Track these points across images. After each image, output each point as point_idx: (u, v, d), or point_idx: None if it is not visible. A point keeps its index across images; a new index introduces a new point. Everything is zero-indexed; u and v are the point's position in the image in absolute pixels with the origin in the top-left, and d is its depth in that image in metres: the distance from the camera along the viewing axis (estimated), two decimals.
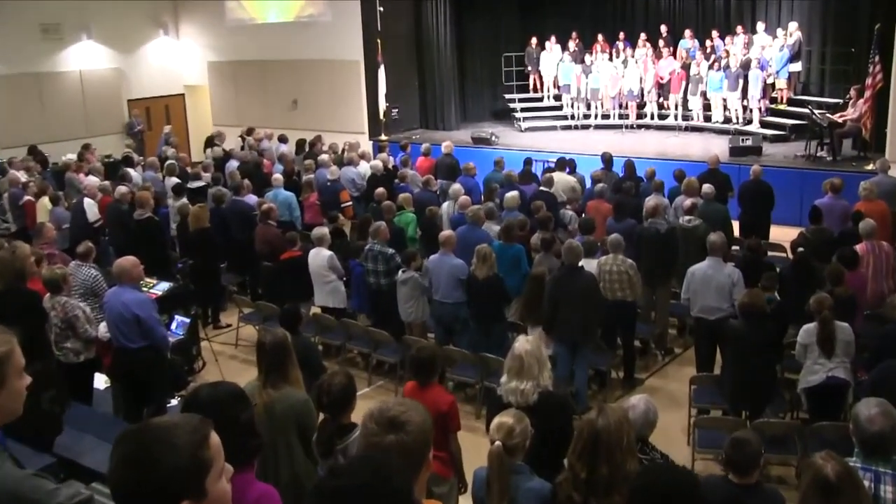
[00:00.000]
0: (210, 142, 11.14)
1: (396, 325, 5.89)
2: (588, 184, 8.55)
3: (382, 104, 13.22)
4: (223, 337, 6.57)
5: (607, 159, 8.90)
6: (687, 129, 12.83)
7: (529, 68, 14.40)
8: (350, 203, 8.49)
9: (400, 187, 8.50)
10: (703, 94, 12.51)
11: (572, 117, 13.89)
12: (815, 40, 12.29)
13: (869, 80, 9.72)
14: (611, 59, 13.63)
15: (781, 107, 11.97)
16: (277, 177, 8.32)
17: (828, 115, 10.32)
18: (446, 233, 6.06)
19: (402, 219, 7.28)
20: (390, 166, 9.52)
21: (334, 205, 8.11)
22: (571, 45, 13.96)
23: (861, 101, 9.89)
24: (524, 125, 13.88)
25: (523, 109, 14.34)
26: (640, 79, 13.17)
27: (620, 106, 13.44)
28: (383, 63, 13.02)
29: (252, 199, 7.56)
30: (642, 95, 13.38)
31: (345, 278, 6.23)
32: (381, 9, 12.82)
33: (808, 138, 10.39)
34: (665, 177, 8.14)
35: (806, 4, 12.20)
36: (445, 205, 7.89)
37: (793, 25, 11.81)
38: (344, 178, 8.91)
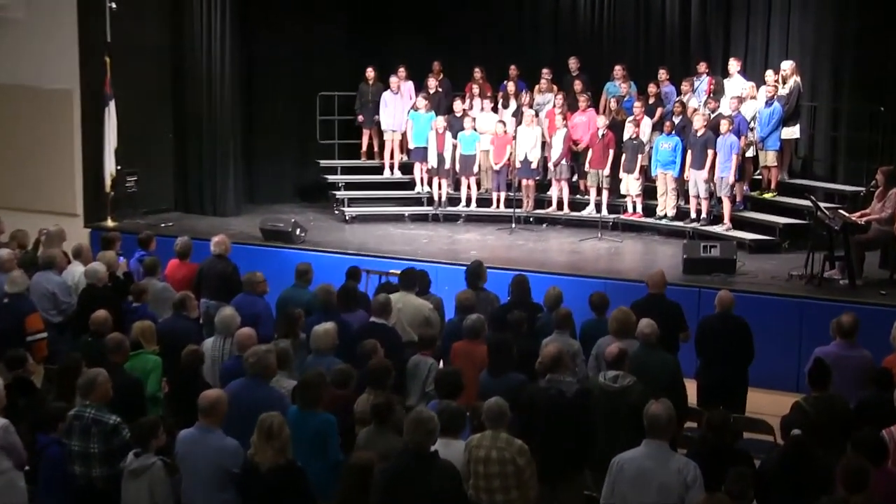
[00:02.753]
0: None
1: None
2: (452, 313, 9.01)
3: (111, 166, 13.44)
4: None
5: (480, 273, 9.42)
6: (616, 226, 14.03)
7: (362, 119, 15.28)
8: (44, 335, 8.57)
9: (136, 310, 8.61)
10: (645, 172, 13.80)
11: (429, 202, 14.89)
12: (823, 89, 13.80)
13: None
14: (495, 108, 14.83)
15: (768, 196, 13.22)
16: None
17: (842, 211, 11.13)
18: (210, 393, 6.14)
19: (137, 364, 7.33)
20: (120, 274, 9.67)
21: (15, 337, 8.12)
22: (431, 82, 15.05)
23: (894, 191, 10.69)
24: (350, 212, 14.74)
25: (349, 187, 15.26)
26: (543, 142, 14.38)
27: (509, 186, 14.50)
28: (114, 97, 13.31)
29: None
30: (545, 170, 14.57)
31: (27, 467, 6.22)
32: (113, 5, 13.18)
33: (811, 248, 11.13)
34: (577, 304, 8.76)
35: (809, 28, 13.74)
36: (211, 342, 7.94)
37: (787, 65, 13.13)
38: (35, 290, 9.01)
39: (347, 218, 14.58)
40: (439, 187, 14.69)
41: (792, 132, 13.24)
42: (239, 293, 9.20)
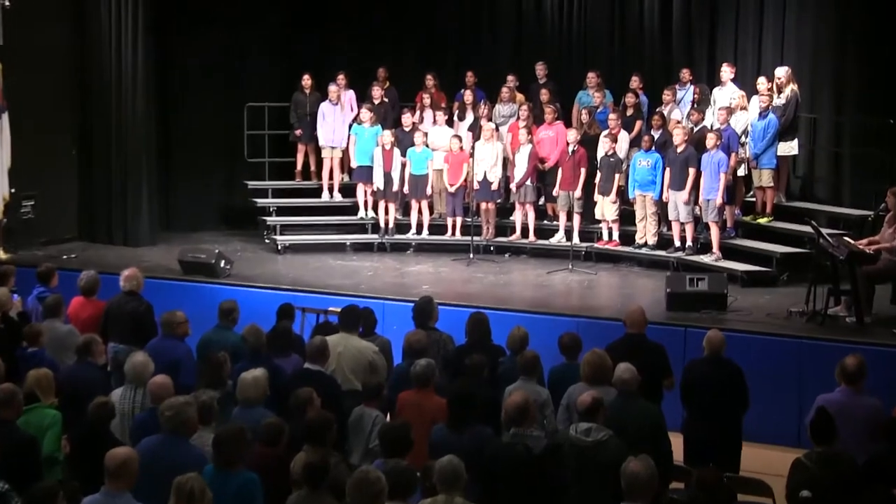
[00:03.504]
0: None
1: None
2: (400, 358, 8.98)
3: (3, 189, 13.45)
4: None
5: (430, 311, 9.39)
6: (589, 256, 14.18)
7: (298, 133, 15.34)
8: None
9: (32, 356, 8.58)
10: (622, 194, 13.97)
11: (375, 229, 14.99)
12: (824, 99, 14.07)
13: None
14: (449, 121, 15.01)
15: (763, 221, 13.40)
16: None
17: (847, 238, 11.27)
18: (119, 452, 6.10)
19: (32, 419, 7.27)
20: (14, 314, 9.64)
21: None
22: (376, 91, 15.17)
23: None
24: (283, 241, 14.79)
25: (282, 212, 15.31)
26: (505, 160, 14.58)
27: (466, 211, 14.67)
28: (6, 109, 13.34)
29: None
30: (507, 192, 14.77)
31: None
32: (6, 2, 13.20)
33: (812, 281, 11.14)
34: (545, 346, 8.72)
35: (807, 30, 14.04)
36: (120, 393, 7.88)
37: (782, 72, 13.33)
38: None
39: (280, 248, 14.61)
40: (386, 212, 14.78)
41: (789, 148, 13.49)
42: (154, 336, 9.12)
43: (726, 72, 13.94)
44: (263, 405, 7.44)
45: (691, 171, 13.09)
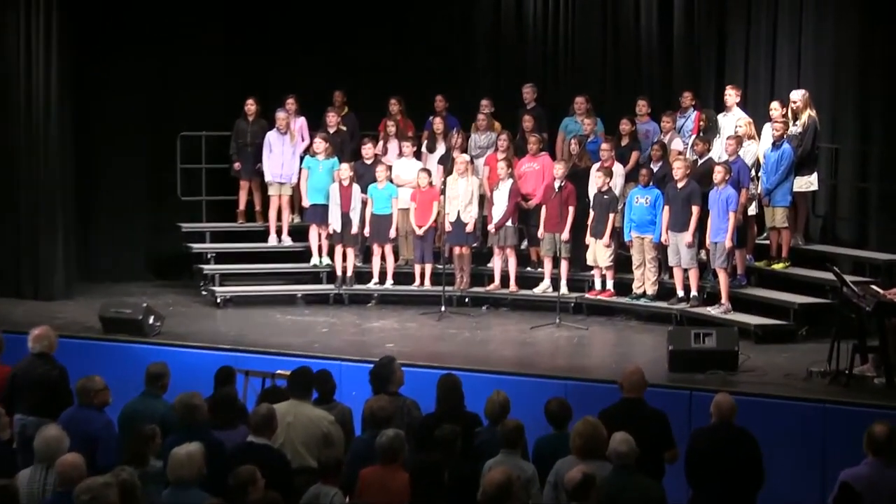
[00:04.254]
0: None
1: None
2: (360, 429, 8.89)
3: None
4: None
5: (389, 375, 9.24)
6: (580, 309, 14.24)
7: (238, 167, 15.38)
8: None
9: None
10: (617, 236, 14.07)
11: (330, 278, 15.00)
12: (847, 126, 14.16)
13: None
14: (417, 152, 15.12)
15: (778, 267, 13.54)
16: None
17: (875, 287, 11.41)
18: None
19: None
20: None
21: None
22: (332, 118, 15.23)
23: None
24: (223, 293, 14.77)
25: (222, 258, 15.34)
26: (481, 198, 14.65)
27: (436, 256, 14.66)
28: None
29: None
30: (484, 234, 14.81)
31: None
32: None
33: (835, 336, 11.22)
34: (530, 414, 8.70)
35: (827, 49, 14.18)
36: (29, 474, 7.76)
37: (798, 95, 13.49)
38: None
39: (219, 301, 14.59)
40: (343, 259, 14.80)
41: (807, 183, 13.59)
42: (68, 406, 9.00)
43: (731, 96, 14.15)
44: (199, 486, 7.36)
45: (694, 209, 13.20)
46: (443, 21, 16.72)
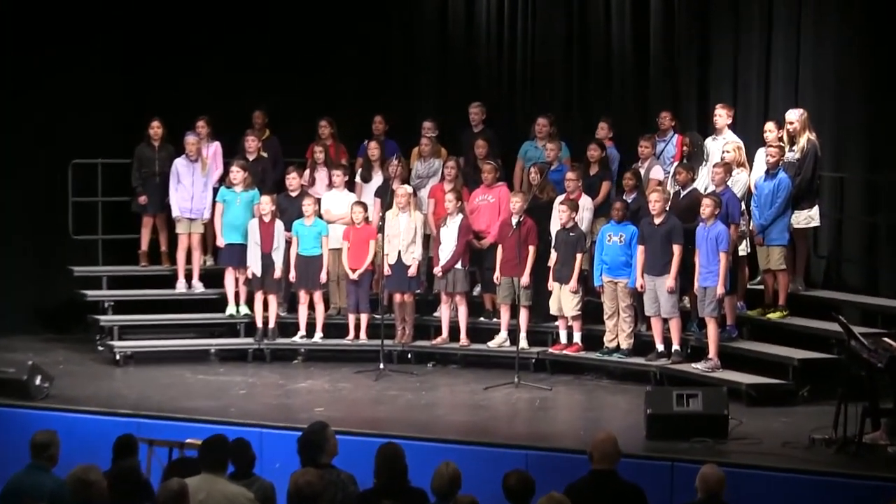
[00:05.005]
0: None
1: None
2: None
3: None
4: None
5: (321, 443, 9.10)
6: (542, 366, 14.26)
7: (142, 201, 15.33)
8: None
9: None
10: (584, 281, 14.14)
11: (249, 330, 14.99)
12: (854, 152, 14.21)
13: None
14: (351, 183, 15.23)
15: (775, 316, 13.61)
16: None
17: (888, 339, 11.32)
18: None
19: None
20: None
21: None
22: (251, 143, 15.28)
23: None
24: (123, 348, 14.65)
25: (122, 308, 15.28)
26: (427, 236, 14.74)
27: (374, 305, 14.76)
28: None
29: None
30: (430, 279, 14.85)
31: None
32: None
33: (842, 397, 11.17)
34: (485, 489, 8.62)
35: (828, 62, 14.16)
36: None
37: (795, 115, 13.52)
38: None
39: (119, 357, 14.50)
40: (265, 308, 14.79)
41: (807, 218, 13.68)
42: None
43: (721, 116, 14.17)
44: None
45: (676, 248, 13.29)
46: (381, 29, 16.82)
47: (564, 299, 14.08)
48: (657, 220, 13.37)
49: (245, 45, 16.33)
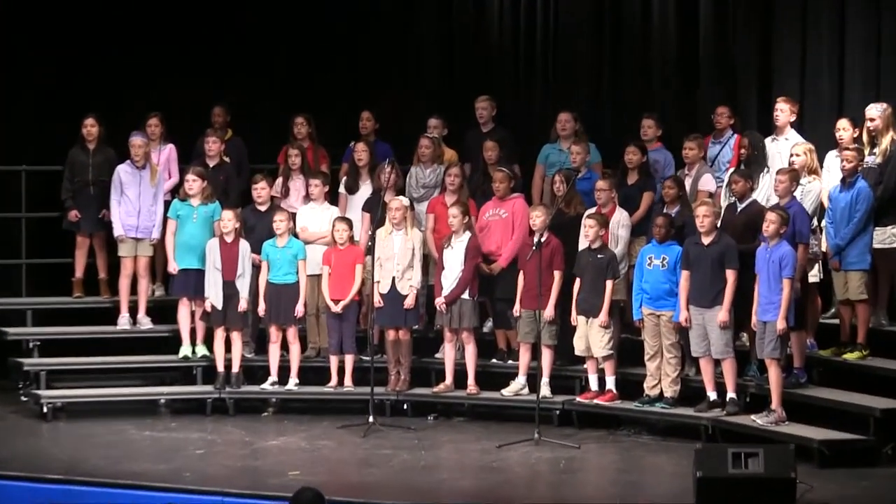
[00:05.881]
0: None
1: None
2: None
3: None
4: None
5: None
6: (568, 418, 14.22)
7: (74, 217, 15.33)
8: None
9: None
10: (620, 314, 14.26)
11: (208, 376, 14.94)
12: None
13: None
14: (333, 195, 15.19)
15: (853, 357, 13.50)
16: None
17: None
18: None
19: None
20: None
21: None
22: (212, 145, 15.27)
23: None
24: (52, 399, 14.53)
25: (49, 349, 15.22)
26: (426, 258, 14.76)
27: (361, 344, 14.74)
28: None
29: None
30: (431, 311, 14.82)
31: None
32: None
33: None
34: None
35: None
36: None
37: (877, 111, 13.51)
38: None
39: (46, 410, 14.45)
40: (227, 348, 14.77)
41: (892, 236, 13.61)
42: None
43: (784, 111, 14.17)
44: None
45: (729, 274, 13.21)
46: (370, 7, 16.87)
47: (594, 337, 13.99)
48: (706, 240, 13.28)
49: (204, 26, 16.35)
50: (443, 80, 16.71)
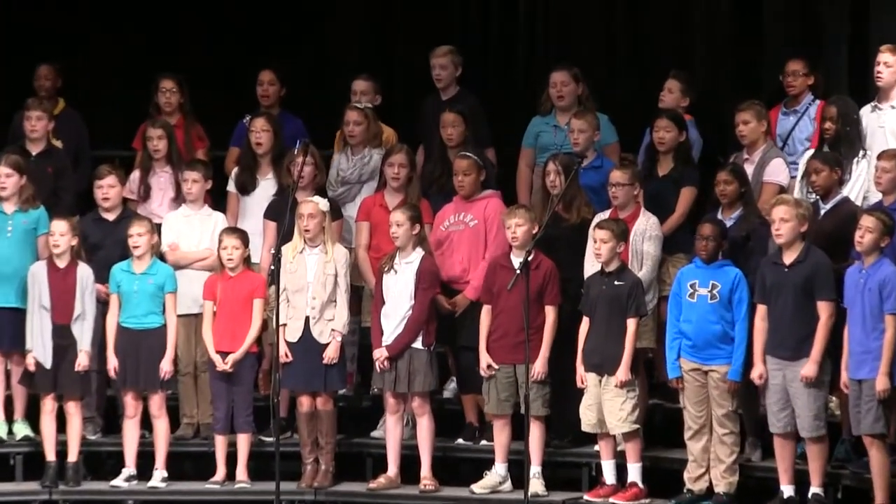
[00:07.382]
0: None
1: None
2: None
3: None
4: None
5: None
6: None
7: None
8: None
9: None
10: (647, 368, 14.05)
11: (34, 469, 14.55)
12: None
13: None
14: (217, 193, 14.93)
15: None
16: None
17: None
18: None
19: None
20: None
21: None
22: (36, 122, 15.02)
23: None
24: None
25: None
26: (357, 289, 14.49)
27: (261, 418, 14.20)
28: None
29: None
30: (364, 366, 14.58)
31: None
32: None
33: None
34: None
35: None
36: None
37: None
38: None
39: None
40: (59, 426, 14.22)
41: None
42: None
43: (890, 67, 13.96)
44: None
45: (823, 309, 12.76)
46: None
47: (609, 404, 13.54)
48: (789, 259, 12.77)
49: None
50: (381, 24, 16.21)
